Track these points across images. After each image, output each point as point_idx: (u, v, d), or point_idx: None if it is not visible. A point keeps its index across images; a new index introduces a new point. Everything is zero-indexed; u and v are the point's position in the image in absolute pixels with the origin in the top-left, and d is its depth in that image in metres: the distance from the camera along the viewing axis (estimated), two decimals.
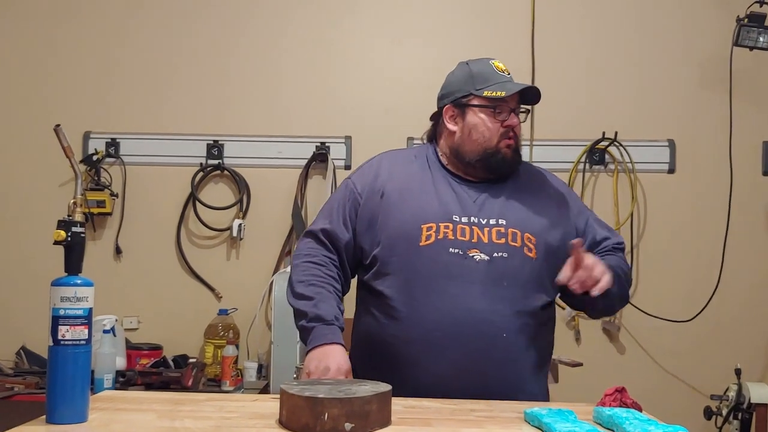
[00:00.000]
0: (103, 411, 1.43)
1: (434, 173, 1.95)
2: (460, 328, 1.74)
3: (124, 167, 3.45)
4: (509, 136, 1.90)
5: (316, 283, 1.84)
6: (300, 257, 1.92)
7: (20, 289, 3.40)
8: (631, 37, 3.47)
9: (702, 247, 3.38)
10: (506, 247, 1.81)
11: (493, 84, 1.90)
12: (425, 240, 1.80)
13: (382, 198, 1.89)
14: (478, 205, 1.88)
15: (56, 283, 1.32)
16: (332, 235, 1.92)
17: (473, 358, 1.74)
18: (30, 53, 3.52)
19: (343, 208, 1.94)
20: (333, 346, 1.73)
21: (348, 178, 2.02)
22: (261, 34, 3.51)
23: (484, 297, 1.76)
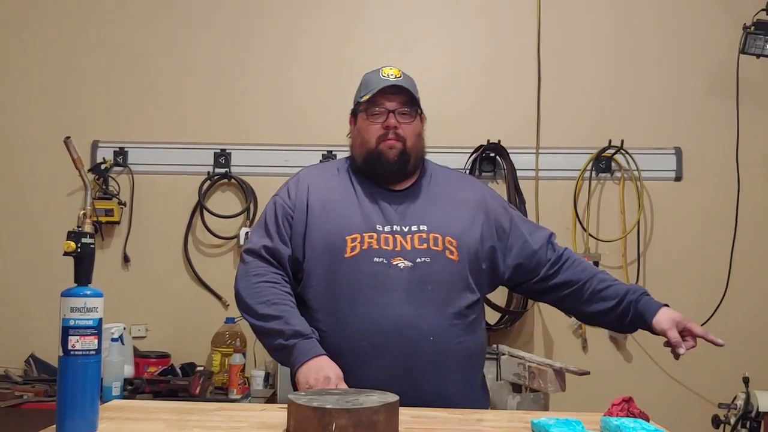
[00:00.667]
0: (112, 420, 1.44)
1: (355, 185, 2.00)
2: (387, 336, 1.78)
3: (132, 176, 3.46)
4: (389, 137, 1.96)
5: (277, 301, 1.83)
6: (249, 278, 1.89)
7: (29, 297, 3.42)
8: (638, 44, 3.47)
9: (709, 256, 3.37)
10: (428, 252, 1.86)
11: (370, 89, 1.99)
12: (350, 251, 1.84)
13: (308, 211, 1.93)
14: (400, 213, 1.93)
15: (66, 293, 1.33)
16: (274, 251, 1.92)
17: (402, 365, 1.78)
18: (39, 63, 3.54)
19: (278, 224, 1.95)
20: (321, 357, 1.74)
21: (275, 196, 2.04)
22: (269, 43, 3.53)
23: (408, 303, 1.80)
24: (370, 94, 1.96)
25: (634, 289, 1.94)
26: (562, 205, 3.40)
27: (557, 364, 2.54)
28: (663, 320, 1.84)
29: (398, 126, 1.96)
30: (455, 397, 1.81)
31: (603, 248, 3.38)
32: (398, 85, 1.97)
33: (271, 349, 1.83)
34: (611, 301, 1.93)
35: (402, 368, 1.78)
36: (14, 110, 3.52)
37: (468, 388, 1.91)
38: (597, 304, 1.95)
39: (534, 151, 3.41)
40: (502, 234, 2.01)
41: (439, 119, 3.48)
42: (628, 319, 1.91)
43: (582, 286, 1.98)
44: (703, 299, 3.30)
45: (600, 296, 1.95)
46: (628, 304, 1.91)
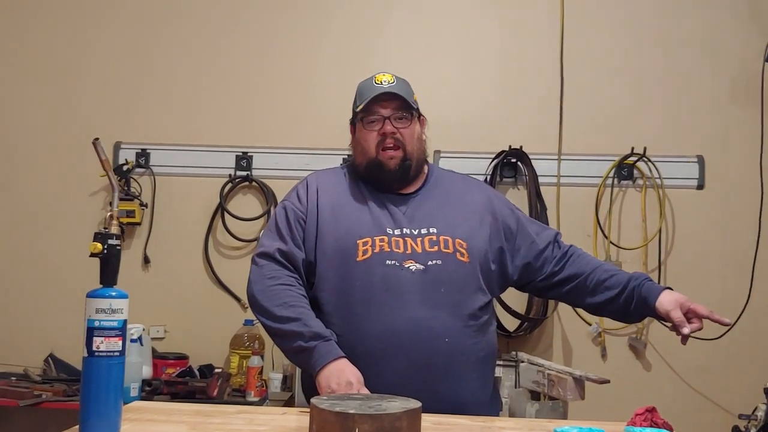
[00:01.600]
0: (133, 422, 1.44)
1: (363, 189, 2.01)
2: (402, 338, 1.78)
3: (154, 177, 3.48)
4: (387, 144, 1.97)
5: (294, 303, 1.83)
6: (264, 280, 1.89)
7: (48, 297, 3.44)
8: (661, 51, 3.45)
9: (731, 264, 3.34)
10: (439, 254, 1.87)
11: (364, 98, 2.00)
12: (362, 255, 1.85)
13: (318, 215, 1.94)
14: (408, 216, 1.94)
15: (92, 294, 1.34)
16: (289, 255, 1.92)
17: (418, 366, 1.78)
18: (61, 64, 3.57)
19: (290, 228, 1.95)
20: (341, 360, 1.74)
21: (284, 201, 2.04)
22: (291, 46, 3.54)
23: (422, 305, 1.81)
24: (363, 103, 1.98)
25: (636, 275, 1.94)
26: (583, 212, 3.38)
27: (577, 372, 2.53)
28: (666, 302, 1.83)
29: (395, 131, 1.98)
30: (470, 398, 1.83)
31: (624, 256, 3.36)
32: (390, 92, 1.99)
33: (289, 352, 1.82)
34: (615, 290, 1.93)
35: (418, 370, 1.78)
36: (37, 111, 3.55)
37: (482, 388, 1.92)
38: (601, 294, 1.96)
39: (556, 157, 3.39)
40: (510, 235, 2.03)
41: (460, 124, 3.49)
42: (632, 306, 1.91)
43: (586, 277, 1.98)
44: (725, 308, 3.24)
45: (604, 286, 1.95)
46: (631, 291, 1.91)
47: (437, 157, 3.41)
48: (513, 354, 2.97)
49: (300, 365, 1.88)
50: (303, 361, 1.79)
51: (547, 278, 2.02)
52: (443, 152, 3.43)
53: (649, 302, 1.86)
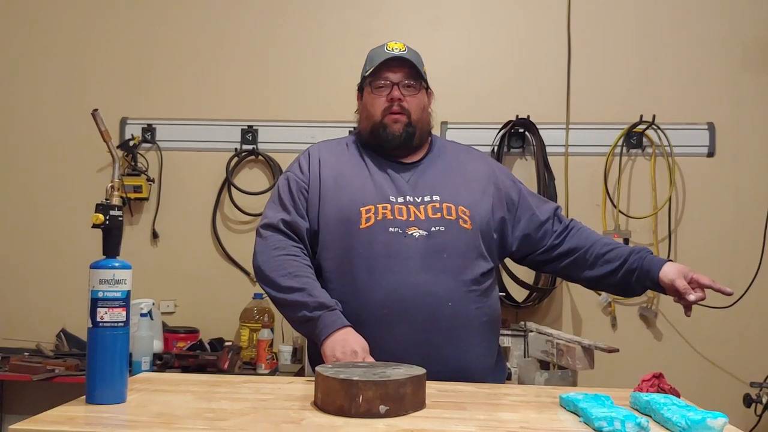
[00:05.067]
0: (141, 392, 1.45)
1: (366, 158, 2.00)
2: (407, 303, 1.79)
3: (161, 152, 3.48)
4: (393, 110, 1.96)
5: (299, 273, 1.83)
6: (269, 251, 1.88)
7: (60, 272, 3.47)
8: (670, 17, 3.40)
9: (742, 232, 3.32)
10: (442, 221, 1.87)
11: (374, 63, 1.99)
12: (365, 222, 1.85)
13: (320, 185, 1.94)
14: (411, 184, 1.94)
15: (95, 265, 1.34)
16: (293, 225, 1.91)
17: (423, 330, 1.79)
18: (67, 40, 3.56)
19: (293, 198, 1.94)
20: (346, 329, 1.74)
21: (287, 172, 2.03)
22: (296, 20, 3.51)
23: (425, 271, 1.81)
24: (373, 68, 1.97)
25: (637, 249, 1.94)
26: (592, 182, 3.36)
27: (586, 341, 2.52)
28: (670, 272, 1.83)
29: (402, 98, 1.96)
30: (474, 363, 1.84)
31: (633, 225, 3.34)
32: (402, 57, 1.97)
33: (295, 321, 1.83)
34: (615, 263, 1.93)
35: (422, 334, 1.79)
36: (43, 88, 3.56)
37: (487, 354, 1.92)
38: (601, 267, 1.95)
39: (564, 126, 3.36)
40: (511, 206, 2.02)
41: (467, 94, 3.47)
42: (634, 278, 1.90)
43: (586, 251, 1.98)
44: (736, 277, 3.24)
45: (604, 259, 1.95)
46: (632, 264, 1.90)
47: (444, 128, 3.40)
48: (522, 324, 2.97)
49: (305, 335, 1.88)
50: (308, 331, 1.80)
51: (547, 251, 2.02)
52: (450, 123, 3.41)
53: (653, 274, 1.85)
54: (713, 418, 1.20)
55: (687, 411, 1.24)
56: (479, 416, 1.31)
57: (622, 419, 1.20)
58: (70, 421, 1.21)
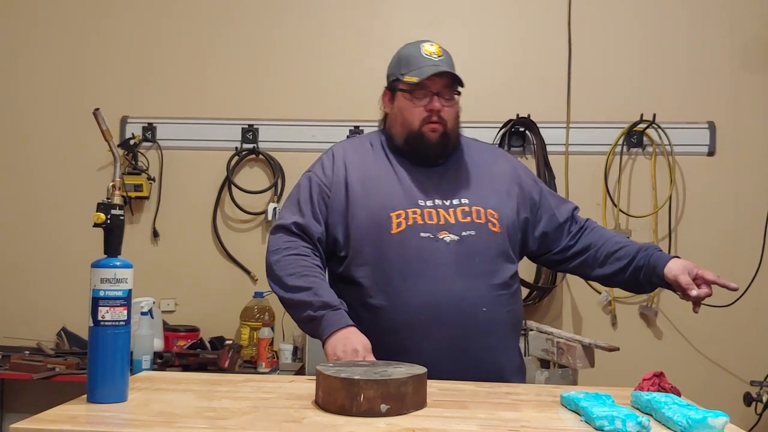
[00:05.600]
0: (142, 391, 1.45)
1: (392, 161, 1.97)
2: (442, 309, 1.78)
3: (161, 151, 3.49)
4: (432, 120, 1.92)
5: (306, 273, 1.82)
6: (279, 252, 1.87)
7: (60, 271, 3.47)
8: (671, 16, 3.40)
9: (742, 231, 3.32)
10: (472, 225, 1.86)
11: (414, 69, 1.94)
12: (396, 228, 1.83)
13: (348, 189, 1.91)
14: (440, 187, 1.92)
15: (96, 264, 1.34)
16: (305, 228, 1.89)
17: (458, 336, 1.78)
18: (68, 39, 3.56)
19: (312, 201, 1.92)
20: (349, 328, 1.73)
21: (309, 171, 2.00)
22: (296, 19, 3.51)
23: (459, 276, 1.81)
24: (419, 78, 1.91)
25: (646, 246, 1.94)
26: (592, 181, 3.36)
27: (586, 340, 2.52)
28: (674, 268, 1.83)
29: (441, 109, 1.93)
30: (507, 366, 1.86)
31: (633, 224, 3.34)
32: (447, 71, 1.94)
33: (300, 321, 1.82)
34: (624, 261, 1.93)
35: (459, 340, 1.79)
36: (44, 87, 3.56)
37: (516, 354, 1.94)
38: (611, 265, 1.96)
39: (564, 125, 3.36)
40: (534, 206, 2.02)
41: (467, 93, 3.42)
42: (642, 275, 1.90)
43: (597, 249, 1.98)
44: (736, 276, 3.20)
45: (615, 257, 1.95)
46: (639, 261, 1.91)
47: None
48: (522, 323, 2.97)
49: (310, 334, 1.86)
50: (312, 330, 1.79)
51: (562, 251, 2.02)
52: None
53: (658, 270, 1.86)
54: (714, 417, 1.20)
55: (688, 410, 1.24)
56: (480, 415, 1.32)
57: (623, 418, 1.20)
58: (71, 420, 1.21)
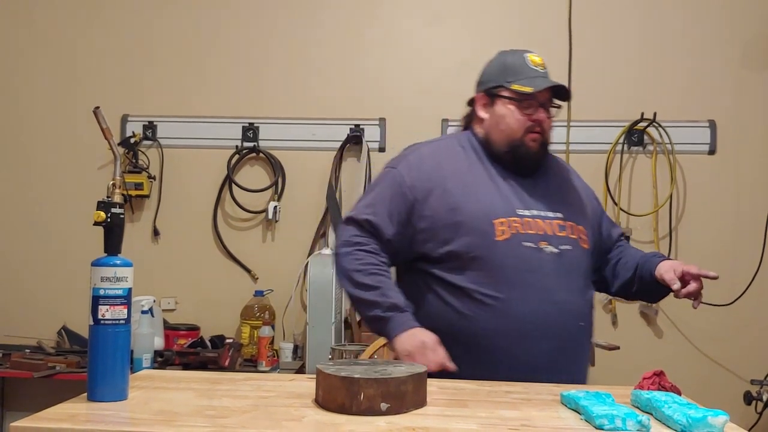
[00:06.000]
0: (142, 389, 1.45)
1: (487, 166, 1.94)
2: (549, 320, 1.79)
3: (161, 150, 3.49)
4: (535, 130, 1.91)
5: (375, 271, 1.82)
6: (348, 245, 1.87)
7: (61, 269, 3.47)
8: (672, 15, 3.40)
9: (743, 230, 3.32)
10: (568, 240, 1.86)
11: (523, 78, 1.92)
12: (500, 235, 1.81)
13: (445, 193, 1.86)
14: (535, 198, 1.90)
15: (96, 263, 1.34)
16: (377, 227, 1.87)
17: (557, 347, 1.80)
18: (68, 37, 3.56)
19: (389, 202, 1.88)
20: (417, 329, 1.75)
21: (393, 168, 1.95)
22: (297, 18, 3.51)
23: (561, 288, 1.82)
24: (533, 89, 1.89)
25: (650, 254, 1.97)
26: (593, 179, 3.31)
27: None
28: (662, 267, 1.87)
29: (545, 120, 1.93)
30: (585, 378, 1.88)
31: (634, 222, 3.34)
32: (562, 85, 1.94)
33: (365, 317, 1.85)
34: (631, 270, 1.96)
35: (557, 351, 1.80)
36: (44, 86, 3.56)
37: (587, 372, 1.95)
38: (622, 277, 1.99)
39: (565, 124, 3.36)
40: (598, 227, 2.04)
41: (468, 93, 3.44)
42: (645, 283, 1.93)
43: (616, 263, 2.02)
44: (737, 274, 3.24)
45: (624, 267, 1.99)
46: (641, 269, 1.93)
47: (445, 126, 3.40)
48: None
49: (374, 332, 1.88)
50: (378, 329, 1.82)
51: (597, 270, 2.04)
52: (451, 121, 3.41)
53: (651, 272, 1.89)
54: (714, 415, 1.20)
55: (688, 409, 1.24)
56: (481, 414, 1.31)
57: (623, 417, 1.20)
58: (72, 418, 1.20)
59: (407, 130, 3.42)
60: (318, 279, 2.93)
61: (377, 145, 3.44)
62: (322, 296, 2.93)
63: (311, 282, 2.97)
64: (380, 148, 3.44)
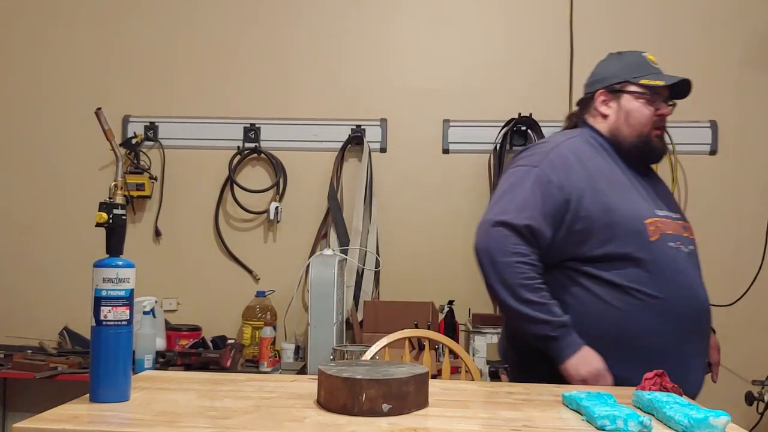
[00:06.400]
0: (144, 390, 1.45)
1: (618, 163, 1.94)
2: (700, 319, 1.85)
3: (163, 151, 3.49)
4: (660, 125, 1.95)
5: (539, 286, 1.79)
6: (509, 254, 1.79)
7: (62, 270, 3.47)
8: (673, 15, 3.40)
9: (744, 230, 3.32)
10: (690, 240, 1.91)
11: (649, 73, 1.96)
12: (653, 235, 1.82)
13: (596, 194, 1.83)
14: (660, 197, 1.94)
15: (98, 264, 1.34)
16: (536, 233, 1.80)
17: (705, 347, 1.87)
18: (70, 38, 3.56)
19: (543, 203, 1.82)
20: (585, 348, 1.76)
21: (534, 167, 1.87)
22: (296, 18, 3.51)
23: (701, 288, 1.87)
24: (665, 82, 1.94)
25: None
26: None
27: None
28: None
29: (670, 114, 1.98)
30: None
31: None
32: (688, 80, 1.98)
33: (531, 335, 1.80)
34: None
35: (704, 350, 1.86)
36: (46, 87, 3.56)
37: None
38: None
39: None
40: None
41: (469, 92, 3.47)
42: None
43: None
44: (738, 275, 3.24)
45: None
46: None
47: (447, 125, 3.40)
48: None
49: (541, 348, 1.80)
50: (546, 347, 1.78)
51: None
52: (452, 121, 3.41)
53: None
54: (716, 416, 1.20)
55: (689, 409, 1.24)
56: (482, 414, 1.32)
57: (625, 418, 1.20)
58: (74, 419, 1.21)
59: (409, 131, 3.43)
60: (319, 279, 2.93)
61: (378, 146, 3.44)
62: (323, 297, 2.92)
63: (313, 282, 2.97)
64: (381, 149, 3.44)
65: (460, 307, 3.19)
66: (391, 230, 3.42)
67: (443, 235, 3.39)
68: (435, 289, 3.33)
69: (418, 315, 3.04)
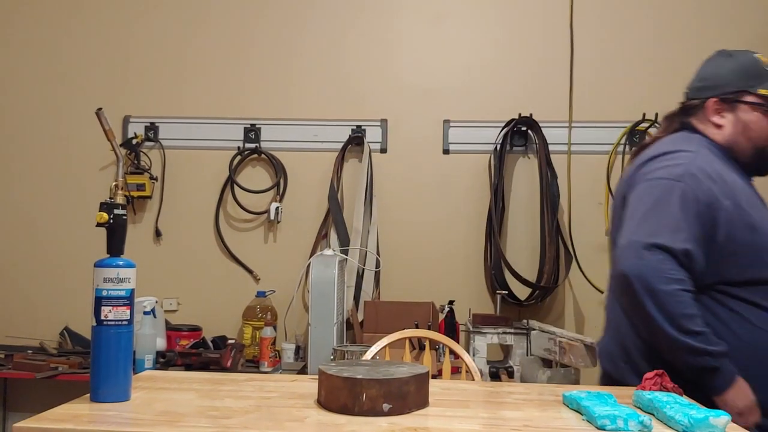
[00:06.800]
0: (144, 390, 1.45)
1: (741, 176, 1.87)
2: None
3: (163, 151, 3.49)
4: None
5: (696, 314, 1.69)
6: (669, 281, 1.68)
7: (63, 270, 3.47)
8: (673, 15, 3.40)
9: None
10: None
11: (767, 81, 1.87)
12: None
13: (739, 211, 1.76)
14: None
15: (99, 264, 1.34)
16: (693, 258, 1.71)
17: None
18: (70, 39, 3.56)
19: (695, 224, 1.73)
20: (740, 380, 1.69)
21: (677, 181, 1.76)
22: (297, 18, 3.51)
23: None
24: None
25: None
26: (594, 180, 3.36)
27: (588, 339, 2.52)
28: None
29: None
30: None
31: None
32: None
33: (690, 367, 1.70)
34: None
35: None
36: (47, 87, 3.56)
37: None
38: None
39: (566, 124, 3.36)
40: None
41: (469, 93, 3.47)
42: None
43: None
44: None
45: None
46: None
47: (447, 126, 3.40)
48: (524, 322, 2.97)
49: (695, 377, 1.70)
50: (703, 378, 1.69)
51: None
52: (453, 121, 3.41)
53: None
54: (716, 416, 1.20)
55: (690, 409, 1.24)
56: (482, 414, 1.32)
57: (625, 417, 1.20)
58: (75, 419, 1.21)
59: (409, 131, 3.43)
60: (320, 279, 2.93)
61: (379, 146, 3.44)
62: (323, 297, 2.92)
63: (313, 283, 2.97)
64: (382, 149, 3.44)
65: (460, 307, 3.19)
66: (392, 230, 3.42)
67: (443, 235, 3.40)
68: (435, 289, 3.34)
69: (419, 315, 3.04)
